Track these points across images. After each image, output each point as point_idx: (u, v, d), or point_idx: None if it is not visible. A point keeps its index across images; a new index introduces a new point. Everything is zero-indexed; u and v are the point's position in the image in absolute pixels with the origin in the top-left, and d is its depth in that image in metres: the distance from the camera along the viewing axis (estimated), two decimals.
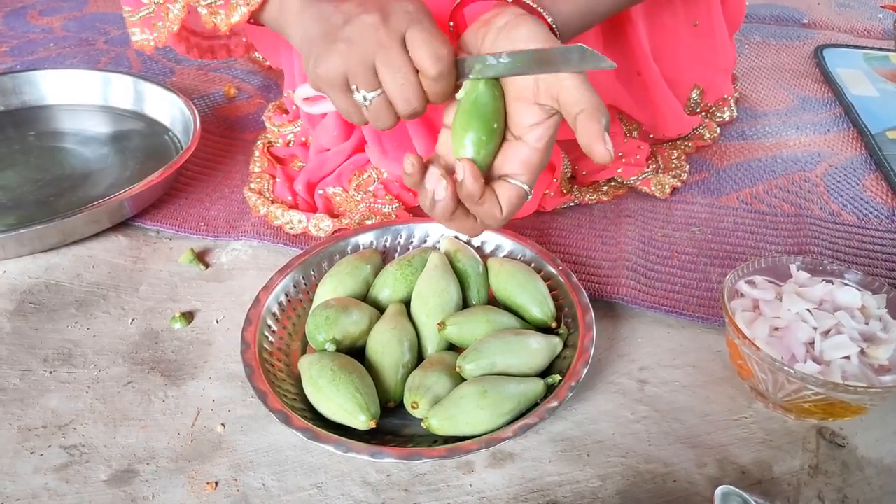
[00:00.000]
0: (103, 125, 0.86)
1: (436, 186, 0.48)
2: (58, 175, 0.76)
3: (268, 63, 0.99)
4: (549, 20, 0.50)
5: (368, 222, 0.67)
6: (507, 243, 0.63)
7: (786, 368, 0.47)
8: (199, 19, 0.60)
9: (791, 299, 0.52)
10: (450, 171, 0.49)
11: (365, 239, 0.64)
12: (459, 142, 0.48)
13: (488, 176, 0.49)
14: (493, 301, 0.59)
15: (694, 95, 0.82)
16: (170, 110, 0.84)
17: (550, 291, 0.58)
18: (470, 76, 0.48)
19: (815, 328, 0.50)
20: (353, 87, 0.49)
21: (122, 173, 0.77)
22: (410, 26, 0.47)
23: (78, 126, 0.85)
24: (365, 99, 0.49)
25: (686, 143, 0.80)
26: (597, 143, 0.43)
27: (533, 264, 0.61)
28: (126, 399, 0.54)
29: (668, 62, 0.75)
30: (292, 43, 0.56)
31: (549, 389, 0.50)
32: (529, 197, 0.49)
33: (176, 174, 0.73)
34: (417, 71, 0.47)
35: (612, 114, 0.75)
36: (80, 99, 0.88)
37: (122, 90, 0.87)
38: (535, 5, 0.50)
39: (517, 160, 0.48)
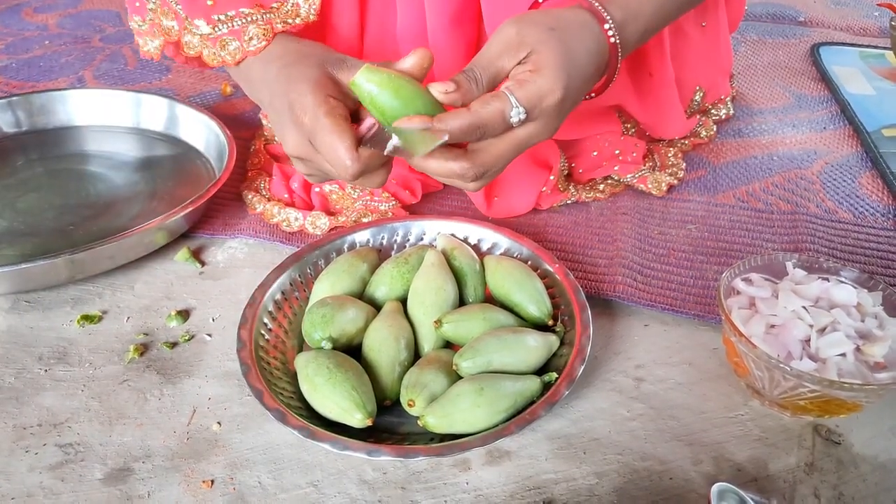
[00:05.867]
0: (133, 149, 0.80)
1: None
2: (80, 202, 0.72)
3: None
4: (610, 29, 0.53)
5: (365, 220, 0.67)
6: (503, 241, 0.63)
7: (782, 366, 0.47)
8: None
9: (787, 297, 0.52)
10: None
11: (361, 237, 0.64)
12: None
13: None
14: (489, 299, 0.59)
15: (697, 97, 0.82)
16: (204, 134, 0.79)
17: (547, 289, 0.58)
18: (386, 151, 0.47)
19: (811, 325, 0.50)
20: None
21: (148, 203, 0.72)
22: (312, 137, 0.49)
23: (106, 149, 0.80)
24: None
25: (683, 141, 0.80)
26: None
27: (530, 262, 0.61)
28: (121, 397, 0.53)
29: (678, 64, 0.75)
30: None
31: (546, 387, 0.50)
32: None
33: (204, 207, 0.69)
34: None
35: (612, 112, 0.75)
36: (111, 120, 0.83)
37: (155, 112, 0.83)
38: (600, 8, 0.53)
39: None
